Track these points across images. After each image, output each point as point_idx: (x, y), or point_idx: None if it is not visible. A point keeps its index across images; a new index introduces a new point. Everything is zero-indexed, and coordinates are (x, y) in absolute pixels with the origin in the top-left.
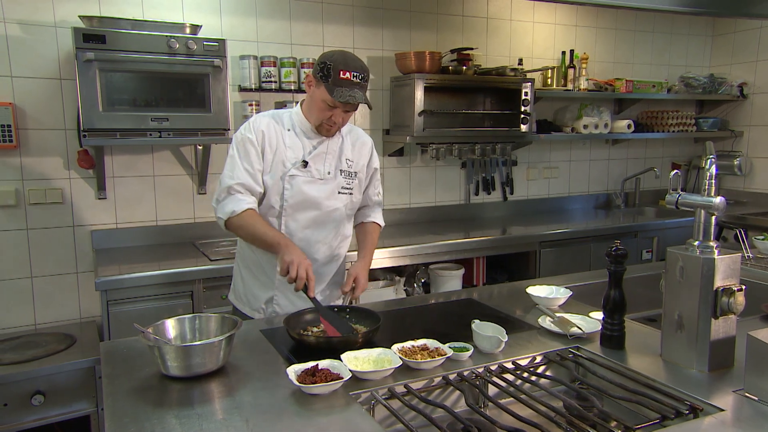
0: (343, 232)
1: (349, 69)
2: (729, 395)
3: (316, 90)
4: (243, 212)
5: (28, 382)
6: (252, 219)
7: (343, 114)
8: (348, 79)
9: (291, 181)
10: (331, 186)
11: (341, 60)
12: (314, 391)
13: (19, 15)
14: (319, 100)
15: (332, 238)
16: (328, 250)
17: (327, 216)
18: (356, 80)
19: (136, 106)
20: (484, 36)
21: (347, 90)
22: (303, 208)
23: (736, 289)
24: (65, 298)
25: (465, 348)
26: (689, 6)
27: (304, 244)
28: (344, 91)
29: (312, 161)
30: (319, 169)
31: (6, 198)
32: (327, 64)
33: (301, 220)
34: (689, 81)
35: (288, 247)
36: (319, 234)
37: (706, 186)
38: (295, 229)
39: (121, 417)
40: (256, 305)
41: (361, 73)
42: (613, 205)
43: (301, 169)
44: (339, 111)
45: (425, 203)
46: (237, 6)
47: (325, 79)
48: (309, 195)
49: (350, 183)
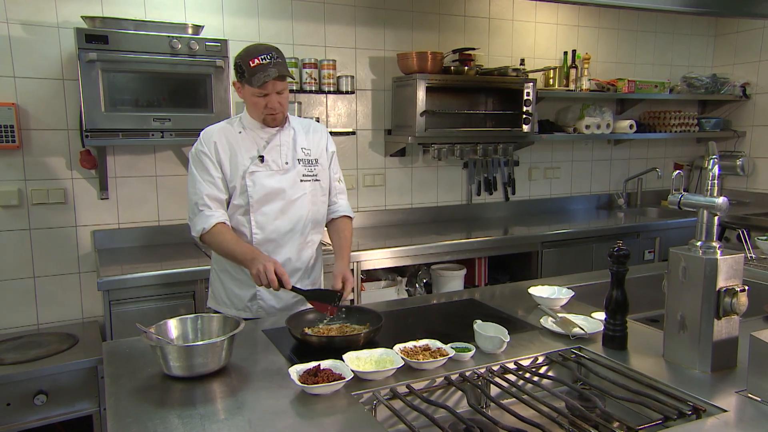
0: (315, 218)
1: (255, 56)
2: (732, 396)
3: (244, 91)
4: (212, 228)
5: (30, 382)
6: (221, 235)
7: (277, 97)
8: (258, 64)
9: (252, 177)
10: (292, 175)
11: (245, 53)
12: (316, 392)
13: (22, 15)
14: (249, 97)
15: (303, 225)
16: (300, 237)
17: (293, 204)
18: (266, 61)
19: (139, 106)
20: (486, 36)
21: (262, 73)
22: (268, 201)
23: (738, 290)
24: (68, 298)
25: (467, 348)
26: (692, 6)
27: (276, 235)
28: (260, 75)
29: (267, 155)
30: (276, 161)
31: (9, 198)
32: (237, 63)
33: (268, 212)
34: (692, 81)
35: (254, 260)
36: (289, 223)
37: (709, 186)
38: (264, 222)
39: (123, 417)
40: (240, 305)
41: (268, 53)
42: (615, 205)
43: (258, 164)
44: (271, 96)
45: (427, 203)
46: (239, 6)
47: (242, 76)
48: (271, 187)
49: (312, 170)
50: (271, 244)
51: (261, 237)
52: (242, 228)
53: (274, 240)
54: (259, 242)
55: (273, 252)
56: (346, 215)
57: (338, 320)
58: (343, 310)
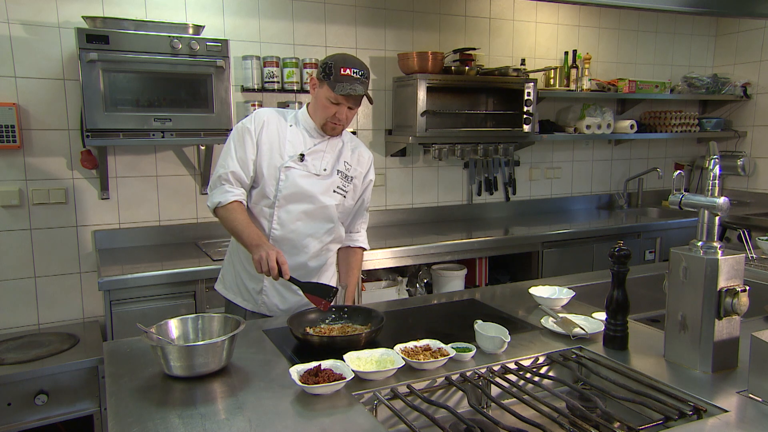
0: (335, 230)
1: (349, 66)
2: (733, 396)
3: (320, 90)
4: (228, 204)
5: (31, 382)
6: (234, 213)
7: (346, 111)
8: (348, 75)
9: (286, 173)
10: (327, 183)
11: (341, 59)
12: (317, 392)
13: (23, 16)
14: (322, 98)
15: (323, 233)
16: (318, 245)
17: (319, 211)
18: (356, 76)
19: (139, 106)
20: (486, 36)
21: (348, 84)
22: (296, 200)
23: (739, 290)
24: (68, 298)
25: (468, 348)
26: (692, 6)
27: (294, 236)
28: (345, 86)
29: (309, 156)
30: (315, 165)
31: (9, 198)
32: (328, 64)
33: (293, 211)
34: (692, 81)
35: (258, 247)
36: (310, 227)
37: (710, 186)
38: (286, 220)
39: (124, 417)
40: (246, 295)
41: (361, 70)
42: (616, 205)
43: (297, 162)
44: (342, 108)
45: (427, 203)
46: (240, 6)
47: (327, 77)
48: (303, 188)
49: (345, 185)
50: (288, 243)
51: (279, 234)
52: (263, 220)
53: (292, 240)
54: (276, 239)
55: (288, 252)
56: (362, 247)
57: (339, 320)
58: (345, 310)
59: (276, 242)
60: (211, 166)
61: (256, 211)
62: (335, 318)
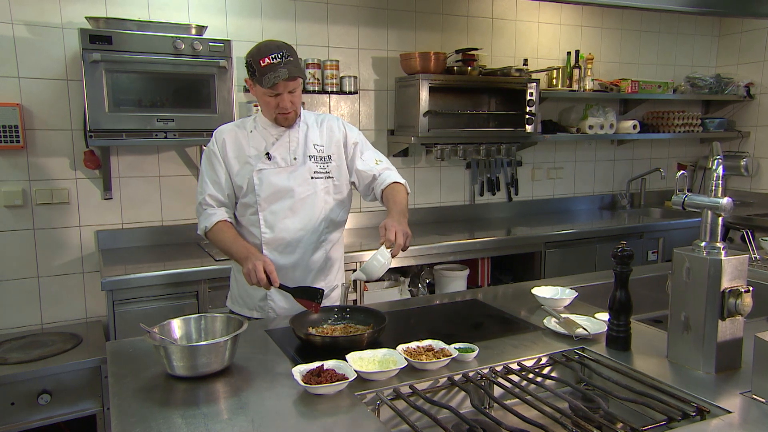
0: (329, 216)
1: (265, 55)
2: (736, 397)
3: (255, 90)
4: (213, 226)
5: (34, 382)
6: (220, 234)
7: (288, 97)
8: (269, 63)
9: (259, 175)
10: (301, 172)
11: (257, 51)
12: (319, 392)
13: (26, 16)
14: (261, 96)
15: (316, 223)
16: (313, 236)
17: (303, 203)
18: (276, 61)
19: (142, 106)
20: (489, 36)
21: (272, 74)
22: (276, 199)
23: (743, 291)
24: (71, 298)
25: (470, 349)
26: (695, 6)
27: (285, 234)
28: (270, 76)
29: (275, 152)
30: (284, 158)
31: (13, 198)
32: (248, 61)
33: (277, 211)
34: (695, 81)
35: (246, 259)
36: (298, 222)
37: (713, 187)
38: (273, 221)
39: (127, 416)
40: (251, 304)
41: (279, 52)
42: (619, 205)
43: (266, 161)
44: (282, 96)
45: (430, 204)
46: (242, 7)
47: (252, 75)
48: (279, 185)
49: (324, 167)
50: (281, 243)
51: (270, 236)
52: (253, 228)
53: (284, 239)
54: (269, 241)
55: (284, 251)
56: (395, 181)
57: (342, 320)
58: (347, 310)
59: (269, 246)
60: None
61: (245, 222)
62: (338, 318)
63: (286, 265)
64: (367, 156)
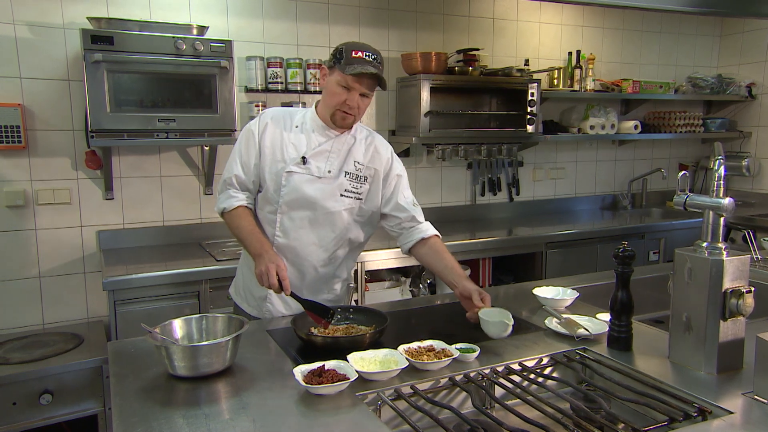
0: (347, 236)
1: (361, 49)
2: (738, 398)
3: (330, 77)
4: (233, 210)
5: (36, 382)
6: (238, 219)
7: (358, 98)
8: (360, 57)
9: (288, 178)
10: (332, 187)
11: (353, 44)
12: (321, 392)
13: (28, 17)
14: (333, 85)
15: (330, 241)
16: (323, 254)
17: (325, 218)
18: (369, 59)
19: (144, 107)
20: (490, 36)
21: (360, 65)
22: (298, 207)
23: (744, 291)
24: (73, 298)
25: (471, 349)
26: (697, 6)
27: (297, 244)
28: (357, 66)
29: (312, 158)
30: (319, 167)
31: (15, 198)
32: (339, 48)
33: (296, 219)
34: (697, 81)
35: (260, 257)
36: (314, 236)
37: (715, 187)
38: (290, 228)
39: (128, 416)
40: (252, 302)
41: (374, 54)
42: (620, 206)
43: (300, 165)
44: (354, 94)
45: (431, 204)
46: (243, 7)
47: (338, 61)
48: (305, 194)
49: (357, 187)
50: (291, 252)
51: (282, 241)
52: (267, 226)
53: (295, 248)
54: (279, 246)
55: (292, 261)
56: (435, 234)
57: (343, 321)
58: (350, 310)
59: (279, 250)
60: (215, 166)
61: (262, 217)
62: (339, 318)
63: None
64: (408, 194)
